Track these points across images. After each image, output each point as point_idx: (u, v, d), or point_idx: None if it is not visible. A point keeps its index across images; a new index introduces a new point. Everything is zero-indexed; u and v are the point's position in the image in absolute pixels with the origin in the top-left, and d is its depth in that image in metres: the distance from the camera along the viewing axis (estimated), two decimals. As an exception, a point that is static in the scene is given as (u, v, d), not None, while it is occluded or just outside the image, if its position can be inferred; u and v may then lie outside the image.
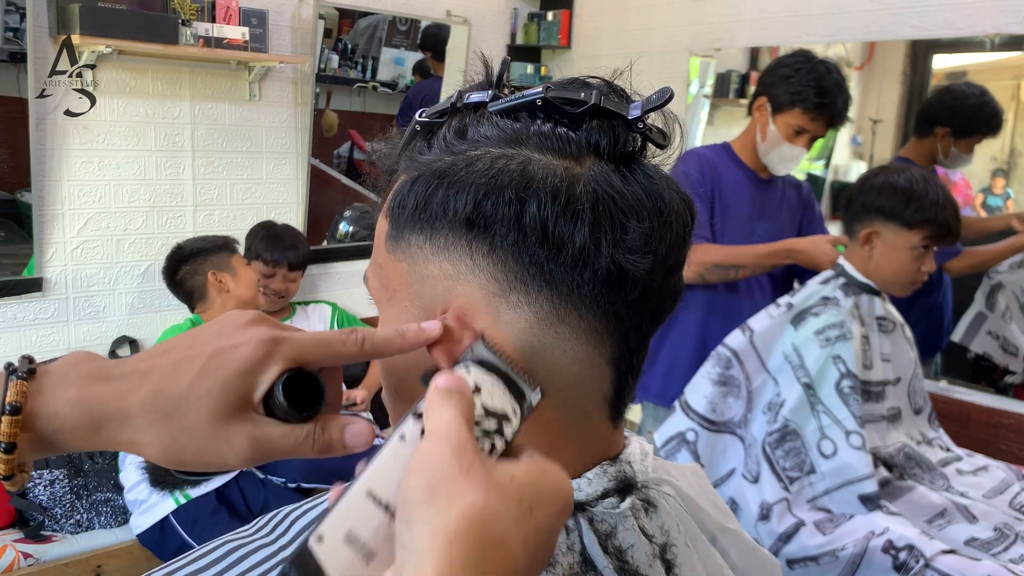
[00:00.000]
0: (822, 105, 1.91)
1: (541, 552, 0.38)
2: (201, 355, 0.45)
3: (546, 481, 0.39)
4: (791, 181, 2.15)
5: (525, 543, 0.36)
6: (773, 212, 2.09)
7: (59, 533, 2.12)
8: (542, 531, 0.37)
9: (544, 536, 0.38)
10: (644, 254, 0.48)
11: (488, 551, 0.34)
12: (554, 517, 0.38)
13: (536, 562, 0.37)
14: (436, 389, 0.40)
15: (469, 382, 0.42)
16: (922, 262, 1.61)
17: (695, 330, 2.06)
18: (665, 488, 0.57)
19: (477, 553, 0.34)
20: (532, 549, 0.37)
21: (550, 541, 0.38)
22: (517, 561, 0.35)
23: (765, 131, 1.99)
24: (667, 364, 2.09)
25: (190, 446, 0.44)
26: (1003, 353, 2.30)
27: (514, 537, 0.36)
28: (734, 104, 3.08)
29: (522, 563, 0.36)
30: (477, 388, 0.42)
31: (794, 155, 1.97)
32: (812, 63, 1.92)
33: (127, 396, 0.44)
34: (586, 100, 0.49)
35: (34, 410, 0.44)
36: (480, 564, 0.34)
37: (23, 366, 0.45)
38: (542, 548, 0.38)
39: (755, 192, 2.05)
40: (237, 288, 2.33)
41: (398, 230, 0.51)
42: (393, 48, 3.10)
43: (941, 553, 1.38)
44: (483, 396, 0.42)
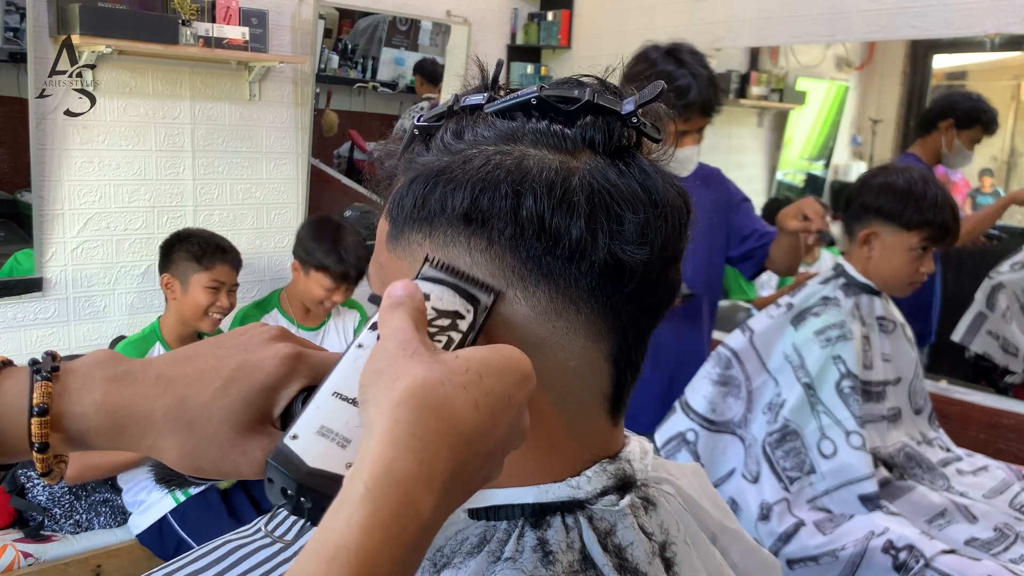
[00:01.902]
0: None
1: (502, 418, 0.39)
2: (226, 367, 0.46)
3: (496, 354, 0.41)
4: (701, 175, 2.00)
5: (476, 405, 0.38)
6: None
7: (59, 533, 2.12)
8: (495, 395, 0.39)
9: (499, 401, 0.39)
10: (640, 245, 0.48)
11: (430, 410, 0.37)
12: (510, 385, 0.40)
13: (496, 425, 0.39)
14: (387, 299, 0.42)
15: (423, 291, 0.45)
16: (921, 263, 1.61)
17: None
18: (665, 487, 0.57)
19: (419, 412, 0.37)
20: (486, 412, 0.38)
21: (511, 408, 0.40)
22: (465, 420, 0.37)
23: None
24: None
25: (208, 455, 0.45)
26: (1003, 353, 2.30)
27: (460, 399, 0.38)
28: (734, 104, 3.08)
29: (473, 422, 0.38)
30: (427, 296, 0.45)
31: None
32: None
33: (151, 402, 0.45)
34: (580, 98, 0.50)
35: (61, 410, 0.45)
36: (424, 421, 0.36)
37: (47, 364, 0.46)
38: (501, 414, 0.39)
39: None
40: (181, 306, 2.18)
41: (398, 229, 0.52)
42: (393, 48, 3.10)
43: (941, 553, 1.38)
44: (432, 301, 0.45)
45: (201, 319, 2.17)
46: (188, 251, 2.18)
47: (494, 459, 0.40)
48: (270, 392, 0.46)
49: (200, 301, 2.16)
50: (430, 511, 0.36)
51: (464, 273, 0.47)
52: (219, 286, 2.18)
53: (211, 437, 0.45)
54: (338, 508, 0.35)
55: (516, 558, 0.49)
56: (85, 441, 0.46)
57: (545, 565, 0.49)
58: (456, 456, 0.37)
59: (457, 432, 0.37)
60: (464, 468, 0.38)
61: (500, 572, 0.49)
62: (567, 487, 0.52)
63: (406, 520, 0.35)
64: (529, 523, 0.51)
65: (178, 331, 2.20)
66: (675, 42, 1.82)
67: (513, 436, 0.41)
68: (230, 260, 2.23)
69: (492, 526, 0.52)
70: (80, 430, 0.45)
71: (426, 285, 0.46)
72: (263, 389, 0.45)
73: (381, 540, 0.34)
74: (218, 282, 2.18)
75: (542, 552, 0.50)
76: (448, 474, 0.37)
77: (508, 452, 0.41)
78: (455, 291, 0.46)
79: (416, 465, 0.36)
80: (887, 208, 1.60)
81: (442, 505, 0.37)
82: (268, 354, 0.46)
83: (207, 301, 2.16)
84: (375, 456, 0.36)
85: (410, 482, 0.35)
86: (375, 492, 0.35)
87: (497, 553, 0.51)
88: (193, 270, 2.16)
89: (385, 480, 0.35)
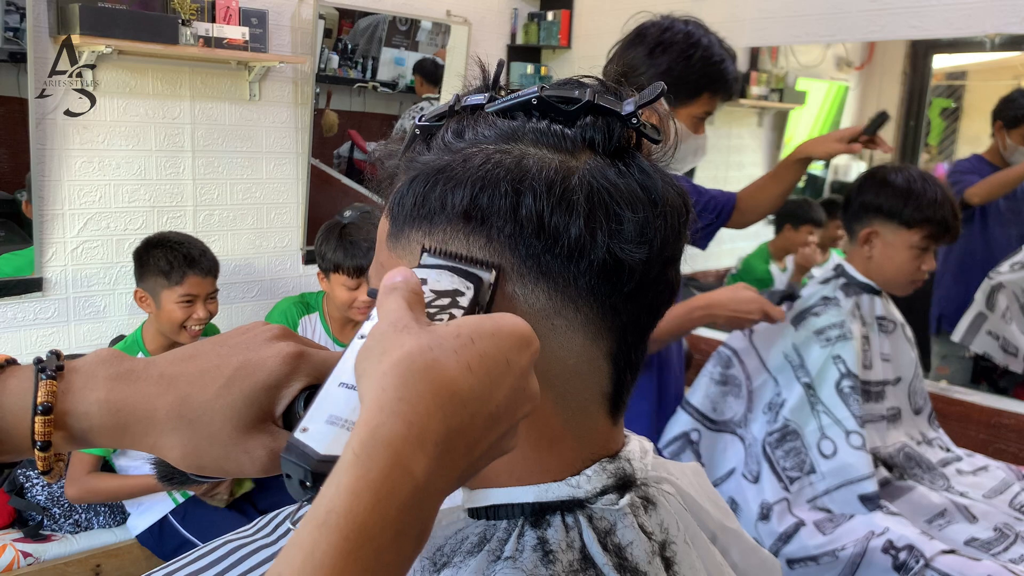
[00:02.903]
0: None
1: (501, 380, 0.39)
2: (228, 365, 0.46)
3: (490, 320, 0.41)
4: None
5: (469, 367, 0.38)
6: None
7: (58, 533, 2.12)
8: (489, 358, 0.39)
9: (495, 364, 0.39)
10: (639, 244, 0.49)
11: (418, 374, 0.37)
12: (506, 348, 0.40)
13: (495, 387, 0.38)
14: (382, 287, 0.42)
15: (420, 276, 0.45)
16: (922, 261, 1.61)
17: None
18: (665, 486, 0.57)
19: (406, 377, 0.36)
20: (481, 373, 0.38)
21: (510, 371, 0.39)
22: (456, 380, 0.37)
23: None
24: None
25: (211, 453, 0.45)
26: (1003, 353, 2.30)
27: (452, 362, 0.37)
28: (734, 104, 3.08)
29: (467, 383, 0.37)
30: (424, 280, 0.45)
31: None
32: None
33: (154, 401, 0.45)
34: (580, 98, 0.50)
35: (65, 409, 0.45)
36: (411, 385, 0.36)
37: (51, 363, 0.46)
38: (500, 376, 0.39)
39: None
40: (157, 320, 2.08)
41: (398, 227, 0.52)
42: (393, 48, 3.10)
43: (941, 553, 1.38)
44: (430, 284, 0.45)
45: (179, 333, 2.06)
46: (156, 266, 2.05)
47: (500, 423, 0.39)
48: (272, 391, 0.46)
49: (175, 317, 2.04)
50: (424, 471, 0.35)
51: (461, 255, 0.48)
52: (192, 299, 2.06)
53: (213, 435, 0.45)
54: (330, 477, 0.35)
55: (516, 557, 0.49)
56: (88, 439, 0.46)
57: (545, 564, 0.49)
58: (451, 417, 0.37)
59: (449, 393, 0.37)
60: (464, 430, 0.37)
61: (500, 571, 0.49)
62: (567, 486, 0.52)
63: (396, 481, 0.34)
64: (529, 522, 0.51)
65: (159, 342, 2.10)
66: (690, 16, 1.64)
67: (519, 401, 0.40)
68: (200, 270, 2.08)
69: (492, 525, 0.53)
70: (83, 428, 0.46)
71: (424, 271, 0.46)
72: (265, 388, 0.46)
73: (370, 501, 0.34)
74: (190, 296, 2.05)
75: (542, 551, 0.50)
76: (442, 435, 0.36)
77: (517, 418, 0.41)
78: (454, 272, 0.46)
79: (404, 427, 0.35)
80: (887, 206, 1.60)
81: (441, 467, 0.36)
82: (270, 353, 0.46)
83: (182, 316, 2.05)
84: (362, 422, 0.36)
85: (398, 443, 0.35)
86: (362, 455, 0.35)
87: (497, 552, 0.51)
88: (163, 286, 2.04)
89: (372, 443, 0.35)
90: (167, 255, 2.06)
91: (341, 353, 0.49)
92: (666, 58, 1.50)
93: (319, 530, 0.33)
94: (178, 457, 0.46)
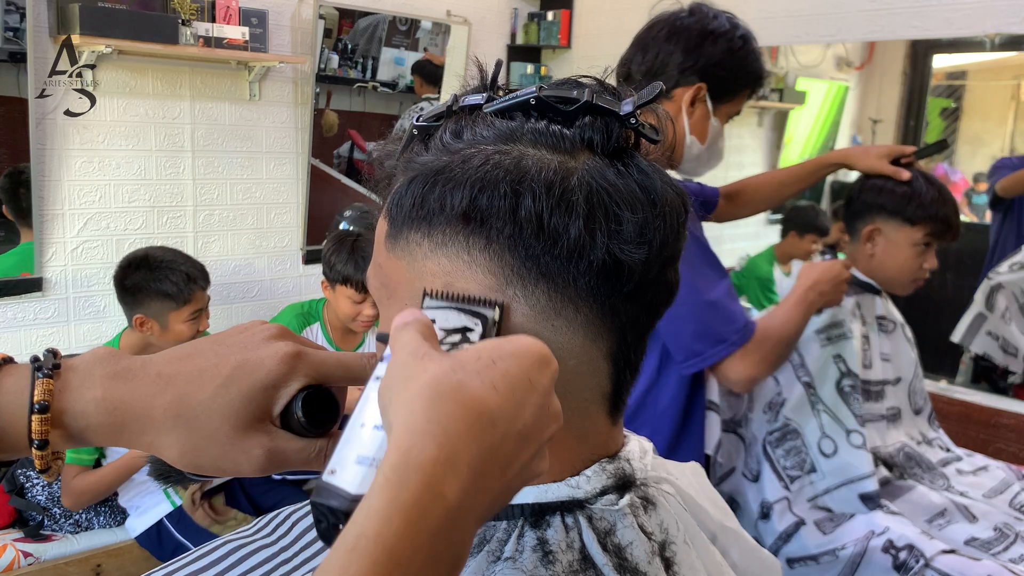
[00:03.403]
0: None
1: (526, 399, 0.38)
2: (226, 365, 0.46)
3: (508, 341, 0.41)
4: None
5: (494, 386, 0.37)
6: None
7: (58, 532, 2.12)
8: (512, 377, 0.38)
9: (519, 383, 0.39)
10: (639, 244, 0.49)
11: (445, 396, 0.36)
12: (527, 367, 0.39)
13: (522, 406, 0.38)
14: (395, 327, 0.42)
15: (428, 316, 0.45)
16: (924, 259, 1.61)
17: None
18: (664, 486, 0.57)
19: (434, 400, 0.36)
20: (506, 392, 0.38)
21: (534, 390, 0.39)
22: (484, 400, 0.37)
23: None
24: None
25: (208, 453, 0.45)
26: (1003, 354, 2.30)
27: (476, 383, 0.37)
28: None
29: (494, 402, 0.37)
30: (432, 320, 0.45)
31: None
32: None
33: (151, 400, 0.45)
34: (579, 98, 0.50)
35: (62, 407, 0.45)
36: (439, 407, 0.36)
37: (48, 361, 0.46)
38: (524, 395, 0.38)
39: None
40: (160, 341, 2.04)
41: (396, 229, 0.52)
42: (393, 48, 3.10)
43: (941, 553, 1.38)
44: (439, 322, 0.45)
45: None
46: (159, 290, 2.00)
47: (531, 443, 0.39)
48: (270, 390, 0.46)
49: (184, 335, 2.02)
50: (457, 495, 0.35)
51: (463, 295, 0.47)
52: (199, 312, 2.06)
53: (211, 435, 0.45)
54: (362, 502, 0.34)
55: (516, 558, 0.49)
56: (85, 438, 0.46)
57: (545, 565, 0.49)
58: (482, 438, 0.36)
59: (477, 413, 0.36)
60: (495, 451, 0.37)
61: (500, 571, 0.49)
62: (567, 487, 0.52)
63: (428, 504, 0.34)
64: (529, 523, 0.51)
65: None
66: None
67: (545, 420, 0.40)
68: (202, 282, 2.08)
69: (492, 526, 0.52)
70: (80, 427, 0.46)
71: (430, 312, 0.46)
72: (263, 387, 0.45)
73: (401, 525, 0.33)
74: (198, 310, 2.05)
75: (542, 552, 0.50)
76: (475, 456, 0.36)
77: (545, 437, 0.40)
78: (459, 311, 0.46)
79: (435, 448, 0.35)
80: (890, 204, 1.60)
81: (475, 489, 0.35)
82: (268, 352, 0.46)
83: (190, 332, 2.04)
84: (392, 447, 0.35)
85: (430, 466, 0.34)
86: (393, 479, 0.34)
87: (497, 553, 0.50)
88: (170, 308, 2.01)
89: (403, 466, 0.34)
90: (170, 277, 2.01)
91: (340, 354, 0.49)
92: (717, 48, 1.38)
93: (348, 555, 0.33)
94: (175, 456, 0.46)
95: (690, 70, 1.39)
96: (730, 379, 1.37)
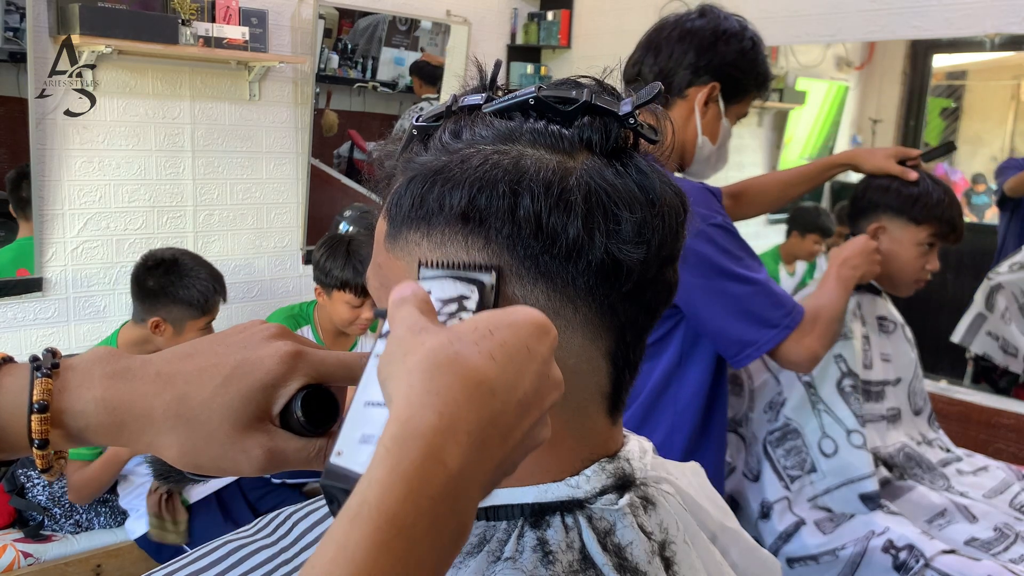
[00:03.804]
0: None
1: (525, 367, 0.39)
2: (225, 364, 0.46)
3: (506, 312, 0.41)
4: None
5: (492, 356, 0.38)
6: None
7: (59, 533, 2.12)
8: (510, 346, 0.39)
9: (517, 351, 0.39)
10: (637, 244, 0.49)
11: (443, 367, 0.37)
12: (524, 336, 0.40)
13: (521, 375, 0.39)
14: (392, 302, 0.42)
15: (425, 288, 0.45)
16: (927, 260, 1.61)
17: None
18: (664, 486, 0.57)
19: (432, 371, 0.37)
20: (504, 361, 0.38)
21: (532, 359, 0.40)
22: (481, 370, 0.37)
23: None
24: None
25: (208, 452, 0.45)
26: (1003, 354, 2.30)
27: (473, 353, 0.38)
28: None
29: (492, 371, 0.38)
30: (429, 292, 0.45)
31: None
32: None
33: (151, 399, 0.45)
34: (578, 98, 0.50)
35: (61, 407, 0.45)
36: (438, 378, 0.36)
37: (47, 361, 0.46)
38: (523, 363, 0.39)
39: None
40: (169, 344, 2.03)
41: (396, 228, 0.52)
42: (393, 48, 3.10)
43: (941, 553, 1.38)
44: (435, 293, 0.45)
45: None
46: (184, 299, 1.99)
47: (531, 411, 0.39)
48: (269, 390, 0.46)
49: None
50: (458, 462, 0.35)
51: (459, 263, 0.48)
52: (211, 321, 2.07)
53: (211, 434, 0.45)
54: (364, 474, 0.35)
55: (516, 558, 0.49)
56: (84, 437, 0.46)
57: (545, 565, 0.49)
58: (482, 406, 0.37)
59: (476, 382, 0.37)
60: (496, 419, 0.37)
61: (500, 572, 0.49)
62: (566, 487, 0.52)
63: (429, 471, 0.34)
64: (529, 523, 0.51)
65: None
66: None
67: (546, 388, 0.40)
68: (223, 293, 2.09)
69: (492, 526, 0.52)
70: (80, 427, 0.46)
71: (426, 284, 0.46)
72: (263, 387, 0.45)
73: (402, 492, 0.34)
74: (211, 320, 2.07)
75: (542, 552, 0.50)
76: (475, 424, 0.36)
77: (546, 405, 0.41)
78: (455, 280, 0.47)
79: (435, 417, 0.35)
80: (896, 203, 1.60)
81: (476, 457, 0.36)
82: (268, 352, 0.46)
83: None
84: (392, 419, 0.36)
85: (430, 434, 0.35)
86: (393, 449, 0.35)
87: (497, 553, 0.51)
88: (192, 316, 2.01)
89: (403, 436, 0.35)
90: (196, 286, 1.99)
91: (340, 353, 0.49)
92: (730, 48, 1.39)
93: (351, 523, 0.33)
94: (175, 456, 0.46)
95: (704, 69, 1.39)
96: (792, 361, 1.36)
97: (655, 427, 1.42)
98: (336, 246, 2.23)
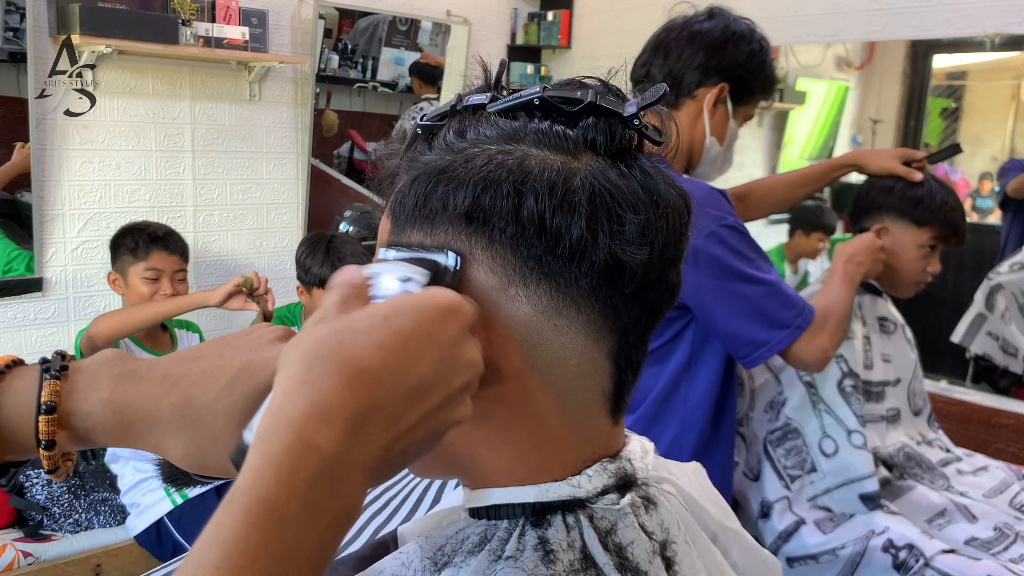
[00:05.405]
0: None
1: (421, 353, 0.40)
2: (231, 366, 0.46)
3: (412, 296, 0.42)
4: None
5: (380, 344, 0.39)
6: None
7: (58, 532, 2.12)
8: (405, 332, 0.40)
9: (413, 338, 0.40)
10: (641, 246, 0.49)
11: (321, 358, 0.38)
12: (425, 321, 0.41)
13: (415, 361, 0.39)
14: (326, 289, 0.44)
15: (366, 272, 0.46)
16: (928, 262, 1.61)
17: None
18: (665, 486, 0.57)
19: (310, 362, 0.38)
20: (396, 348, 0.39)
21: (433, 343, 0.40)
22: (363, 358, 0.38)
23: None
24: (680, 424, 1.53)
25: (213, 453, 0.46)
26: (1003, 354, 2.30)
27: (359, 342, 0.39)
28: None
29: (377, 359, 0.38)
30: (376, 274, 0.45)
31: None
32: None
33: (157, 401, 0.46)
34: (583, 99, 0.50)
35: (69, 408, 0.46)
36: (315, 368, 0.38)
37: (56, 363, 0.47)
38: (419, 349, 0.40)
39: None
40: (128, 301, 2.17)
41: (399, 227, 0.52)
42: (393, 48, 3.10)
43: (941, 552, 1.38)
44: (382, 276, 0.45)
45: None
46: (126, 246, 2.17)
47: (430, 394, 0.40)
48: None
49: (141, 292, 2.13)
50: (333, 446, 0.36)
51: (415, 244, 0.49)
52: (157, 275, 2.15)
53: (216, 435, 0.45)
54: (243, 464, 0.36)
55: (517, 557, 0.49)
56: (91, 439, 0.47)
57: (546, 564, 0.49)
58: (363, 394, 0.37)
59: (356, 370, 0.38)
60: (380, 405, 0.38)
61: (501, 571, 0.49)
62: (568, 486, 0.52)
63: (301, 455, 0.35)
64: (530, 522, 0.51)
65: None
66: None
67: (452, 371, 0.41)
68: (168, 247, 2.19)
69: (493, 525, 0.53)
70: (87, 428, 0.46)
71: (378, 266, 0.47)
72: (267, 388, 0.45)
73: (272, 475, 0.35)
74: (155, 270, 2.15)
75: (543, 551, 0.50)
76: (353, 411, 0.37)
77: (455, 387, 0.41)
78: (412, 262, 0.47)
79: (307, 405, 0.36)
80: (900, 204, 1.60)
81: (355, 440, 0.37)
82: (273, 354, 0.47)
83: (148, 291, 2.13)
84: (267, 408, 0.37)
85: (300, 420, 0.36)
86: (264, 435, 0.36)
87: (498, 552, 0.51)
88: (129, 263, 2.16)
89: (274, 423, 0.36)
90: (134, 235, 2.19)
91: None
92: (740, 50, 1.40)
93: (225, 508, 0.35)
94: (180, 457, 0.46)
95: (713, 70, 1.40)
96: (804, 361, 1.37)
97: (666, 427, 1.42)
98: (316, 244, 2.27)
